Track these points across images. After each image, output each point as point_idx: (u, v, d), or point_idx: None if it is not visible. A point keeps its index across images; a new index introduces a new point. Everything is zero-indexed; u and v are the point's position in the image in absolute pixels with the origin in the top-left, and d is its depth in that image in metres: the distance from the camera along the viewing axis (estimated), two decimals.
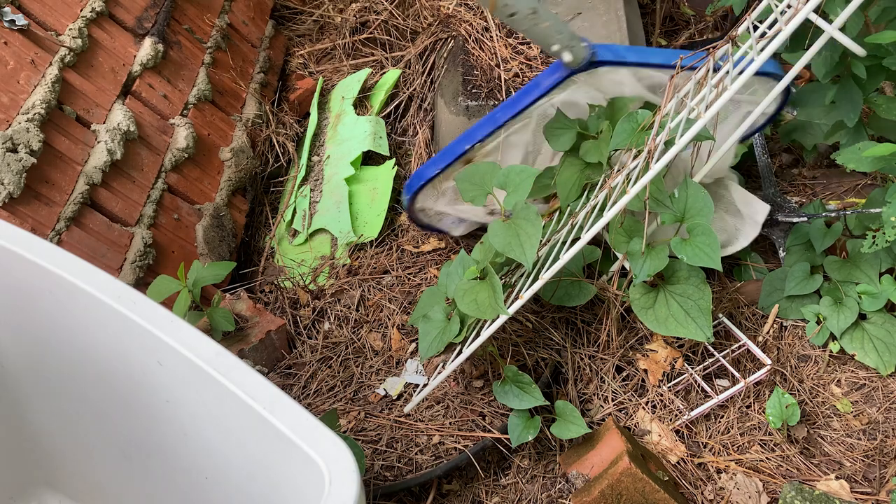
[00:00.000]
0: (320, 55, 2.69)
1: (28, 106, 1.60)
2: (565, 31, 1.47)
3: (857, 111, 1.61)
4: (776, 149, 2.10)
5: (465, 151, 1.71)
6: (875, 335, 1.60)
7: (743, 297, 1.76)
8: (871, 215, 1.66)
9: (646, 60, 1.61)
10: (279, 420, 0.85)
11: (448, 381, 1.67)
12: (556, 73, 1.58)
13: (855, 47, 1.35)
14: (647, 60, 1.61)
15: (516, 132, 1.76)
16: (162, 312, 0.96)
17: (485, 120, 1.68)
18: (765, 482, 1.45)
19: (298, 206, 2.21)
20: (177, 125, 2.00)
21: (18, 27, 1.67)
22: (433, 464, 1.54)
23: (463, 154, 1.71)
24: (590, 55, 1.53)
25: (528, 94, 1.62)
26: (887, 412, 1.54)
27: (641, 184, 1.36)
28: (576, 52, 1.51)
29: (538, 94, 1.61)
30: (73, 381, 1.12)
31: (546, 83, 1.59)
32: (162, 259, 1.79)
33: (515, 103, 1.64)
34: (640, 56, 1.61)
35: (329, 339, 1.84)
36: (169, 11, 2.15)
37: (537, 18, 1.40)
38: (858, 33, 1.56)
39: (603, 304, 1.66)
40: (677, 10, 2.63)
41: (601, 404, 1.61)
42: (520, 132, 1.75)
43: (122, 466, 1.17)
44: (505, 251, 1.39)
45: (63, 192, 1.60)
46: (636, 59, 1.60)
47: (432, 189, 1.84)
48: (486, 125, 1.67)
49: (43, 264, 1.01)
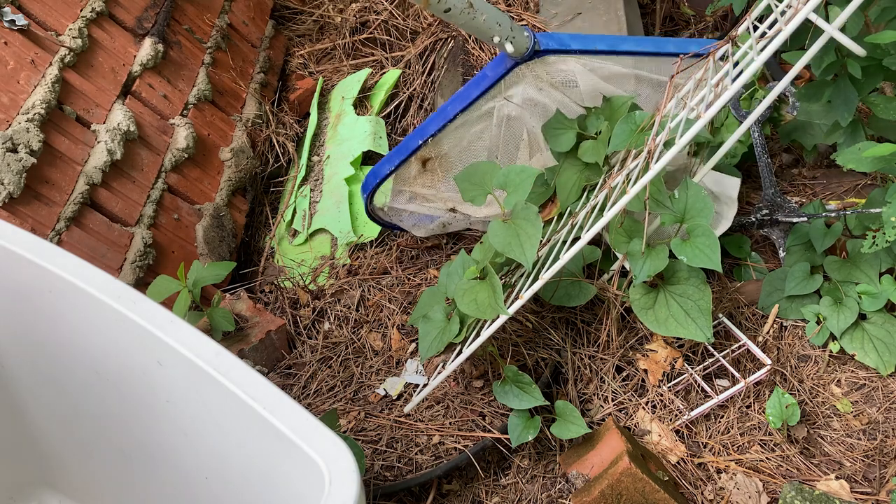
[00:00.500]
0: (320, 55, 2.69)
1: (28, 106, 1.60)
2: (504, 22, 1.45)
3: (852, 111, 1.61)
4: (776, 149, 2.10)
5: (419, 147, 1.70)
6: (875, 335, 1.60)
7: (743, 297, 1.76)
8: (871, 215, 1.66)
9: (590, 48, 1.60)
10: (279, 420, 0.85)
11: (448, 381, 1.67)
12: (501, 64, 1.57)
13: (855, 47, 1.35)
14: (592, 48, 1.60)
15: (479, 136, 1.75)
16: (162, 312, 0.96)
17: (435, 114, 1.68)
18: (765, 482, 1.45)
19: (298, 206, 2.22)
20: (177, 125, 2.00)
21: (18, 27, 1.67)
22: (433, 464, 1.54)
23: (416, 150, 1.71)
24: (532, 45, 1.51)
25: (476, 87, 1.62)
26: (887, 412, 1.54)
27: (641, 184, 1.36)
28: (517, 42, 1.49)
29: (486, 86, 1.60)
30: (73, 381, 1.12)
31: (492, 74, 1.59)
32: (162, 259, 1.79)
33: (464, 96, 1.63)
34: (583, 44, 1.60)
35: (329, 339, 1.84)
36: (169, 11, 2.15)
37: (474, 12, 1.37)
38: (858, 33, 1.56)
39: (603, 305, 1.66)
40: (677, 10, 2.63)
41: (601, 404, 1.61)
42: (483, 135, 1.74)
43: (122, 466, 1.17)
44: (505, 251, 1.39)
45: (63, 192, 1.60)
46: (579, 46, 1.59)
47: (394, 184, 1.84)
48: (436, 120, 1.67)
49: (43, 264, 1.01)
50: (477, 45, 2.33)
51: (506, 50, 1.50)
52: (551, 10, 2.43)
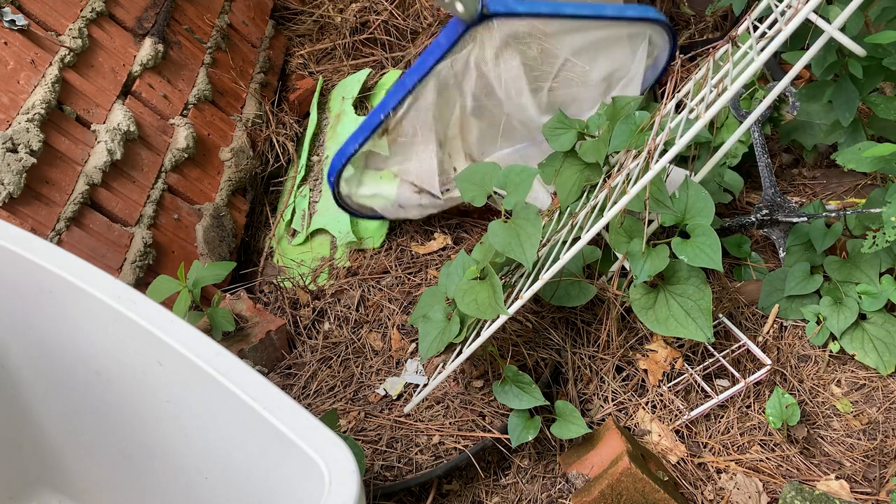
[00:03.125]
0: (320, 55, 2.69)
1: (28, 106, 1.60)
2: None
3: (853, 111, 1.61)
4: (776, 149, 2.10)
5: (382, 121, 1.77)
6: (875, 335, 1.60)
7: (743, 297, 1.76)
8: (871, 215, 1.66)
9: (534, 11, 1.68)
10: (279, 420, 0.85)
11: (448, 381, 1.67)
12: (453, 29, 1.66)
13: (855, 47, 1.35)
14: (536, 11, 1.68)
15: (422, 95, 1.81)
16: (162, 312, 0.96)
17: (395, 86, 1.75)
18: (765, 482, 1.45)
19: (298, 206, 2.21)
20: (177, 125, 2.00)
21: (18, 27, 1.67)
22: (433, 464, 1.54)
23: (380, 124, 1.78)
24: (480, 6, 1.61)
25: (432, 54, 1.70)
26: (887, 412, 1.54)
27: (641, 184, 1.36)
28: (467, 3, 1.58)
29: (440, 53, 1.69)
30: (73, 381, 1.12)
31: (445, 41, 1.68)
32: (162, 259, 1.79)
33: (420, 66, 1.71)
34: (529, 7, 1.68)
35: (329, 340, 1.84)
36: (169, 11, 2.15)
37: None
38: (858, 33, 1.56)
39: (603, 305, 1.66)
40: (677, 11, 2.63)
41: (601, 404, 1.61)
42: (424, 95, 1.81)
43: (122, 466, 1.17)
44: (505, 251, 1.39)
45: (63, 192, 1.60)
46: (525, 10, 1.67)
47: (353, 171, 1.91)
48: (397, 92, 1.74)
49: (43, 264, 1.01)
50: None
51: (457, 11, 1.58)
52: None
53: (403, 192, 1.93)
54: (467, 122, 1.91)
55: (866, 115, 1.77)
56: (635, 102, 1.60)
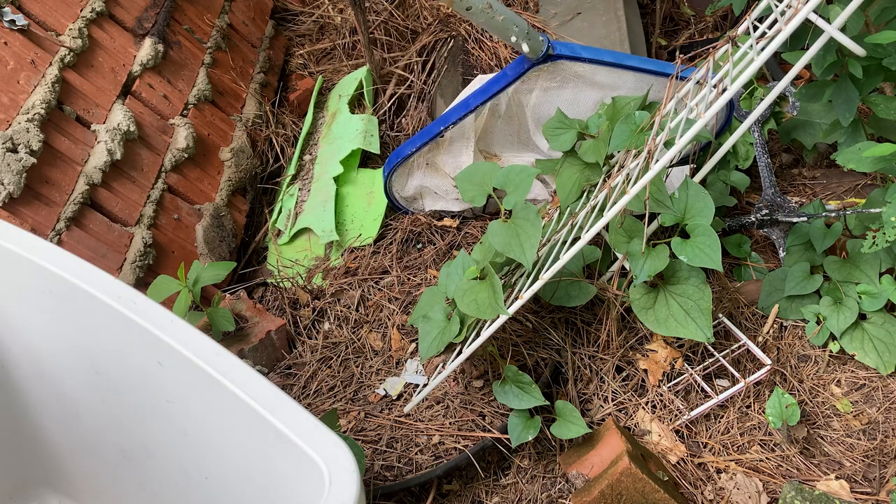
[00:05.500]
0: (320, 55, 2.70)
1: (28, 106, 1.60)
2: (521, 24, 1.61)
3: (853, 111, 1.61)
4: (776, 149, 2.10)
5: (440, 132, 1.90)
6: (875, 335, 1.60)
7: (743, 297, 1.76)
8: (871, 215, 1.66)
9: (598, 58, 1.77)
10: (279, 420, 0.85)
11: (448, 381, 1.67)
12: (520, 65, 1.78)
13: (855, 47, 1.35)
14: (599, 58, 1.77)
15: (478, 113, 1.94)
16: (162, 312, 0.96)
17: (459, 105, 1.89)
18: (765, 482, 1.45)
19: (284, 206, 2.20)
20: (177, 125, 2.00)
21: (18, 27, 1.67)
22: (433, 464, 1.54)
23: (438, 134, 1.91)
24: (546, 48, 1.70)
25: (497, 83, 1.83)
26: (887, 412, 1.54)
27: (641, 184, 1.36)
28: (533, 44, 1.66)
29: (504, 83, 1.81)
30: (73, 381, 1.12)
31: (511, 73, 1.80)
32: (162, 259, 1.79)
33: (486, 91, 1.84)
34: (593, 54, 1.77)
35: (329, 339, 1.84)
36: (169, 11, 2.15)
37: (493, 12, 1.54)
38: (858, 33, 1.56)
39: (603, 305, 1.66)
40: (677, 10, 2.63)
41: (601, 404, 1.61)
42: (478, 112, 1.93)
43: (122, 466, 1.17)
44: (505, 251, 1.39)
45: (63, 192, 1.60)
46: (589, 56, 1.76)
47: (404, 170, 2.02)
48: (459, 109, 1.88)
49: (43, 264, 1.01)
50: (476, 46, 2.33)
51: (522, 50, 1.67)
52: (551, 10, 2.43)
53: (444, 186, 2.04)
54: (490, 126, 2.03)
55: (866, 114, 1.76)
56: (635, 102, 1.60)
